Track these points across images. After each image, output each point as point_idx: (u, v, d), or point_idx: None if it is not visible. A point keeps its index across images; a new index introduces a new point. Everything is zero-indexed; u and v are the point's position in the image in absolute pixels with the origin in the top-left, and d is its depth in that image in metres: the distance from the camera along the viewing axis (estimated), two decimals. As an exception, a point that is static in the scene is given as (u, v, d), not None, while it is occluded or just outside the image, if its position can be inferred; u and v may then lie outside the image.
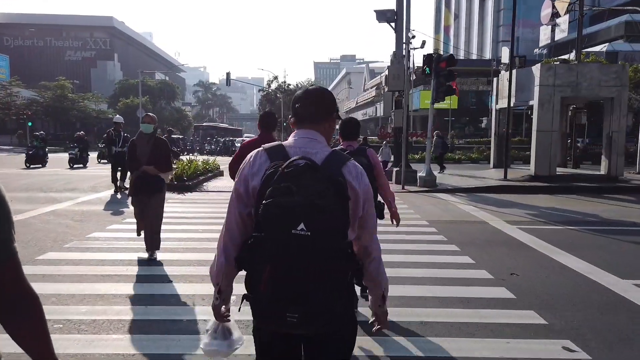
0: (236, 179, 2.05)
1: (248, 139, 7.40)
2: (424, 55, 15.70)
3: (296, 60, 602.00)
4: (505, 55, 43.00)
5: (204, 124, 61.78)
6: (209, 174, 17.90)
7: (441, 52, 78.32)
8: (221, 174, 19.75)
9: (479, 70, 50.83)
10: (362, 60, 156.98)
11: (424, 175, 15.86)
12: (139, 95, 49.39)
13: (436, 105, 15.86)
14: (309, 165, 1.82)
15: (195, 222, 9.76)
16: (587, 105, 19.88)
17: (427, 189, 15.46)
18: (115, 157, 14.52)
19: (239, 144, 48.20)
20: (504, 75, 19.08)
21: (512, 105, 17.70)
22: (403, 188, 15.62)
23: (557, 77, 16.20)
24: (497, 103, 19.98)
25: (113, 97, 66.78)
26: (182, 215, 10.59)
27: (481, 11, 72.10)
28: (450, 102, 49.66)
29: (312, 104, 2.11)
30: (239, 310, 2.10)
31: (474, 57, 67.07)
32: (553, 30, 21.60)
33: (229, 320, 2.16)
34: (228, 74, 46.24)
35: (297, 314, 1.76)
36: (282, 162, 1.87)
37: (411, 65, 15.67)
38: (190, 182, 15.24)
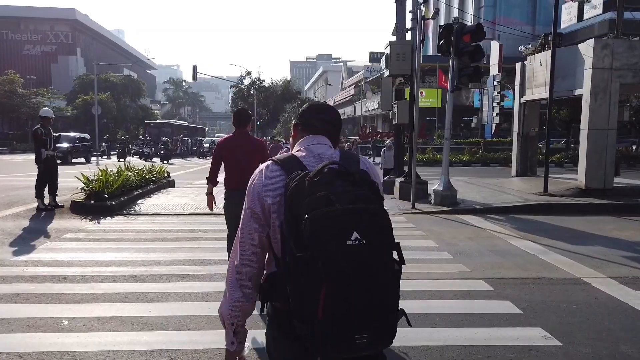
0: (248, 197, 1.81)
1: (219, 138, 6.95)
2: (441, 27, 11.49)
3: (272, 59, 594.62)
4: (494, 51, 39.67)
5: (157, 120, 54.49)
6: (151, 186, 13.37)
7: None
8: (171, 184, 15.22)
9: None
10: (338, 60, 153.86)
11: (441, 189, 11.63)
12: (95, 91, 44.20)
13: (420, 103, 11.82)
14: (339, 170, 1.66)
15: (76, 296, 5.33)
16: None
17: (445, 208, 11.23)
18: (45, 163, 10.56)
19: (207, 144, 44.50)
20: (535, 59, 14.95)
21: (547, 95, 13.59)
22: (413, 207, 11.37)
23: (615, 57, 12.13)
24: (521, 95, 15.84)
25: (72, 94, 61.34)
26: (54, 273, 6.15)
27: (461, 6, 68.79)
28: (436, 100, 46.43)
29: (332, 123, 2.00)
30: (266, 345, 1.84)
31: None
32: (581, 8, 17.51)
33: None
34: (194, 67, 41.55)
35: (367, 333, 1.55)
36: (306, 171, 1.67)
37: (417, 40, 11.14)
38: (115, 200, 10.70)
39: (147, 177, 13.54)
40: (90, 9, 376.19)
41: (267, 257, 1.83)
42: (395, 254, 1.66)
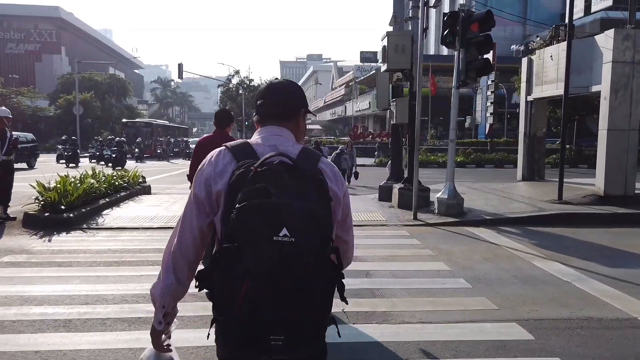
0: (194, 183, 1.73)
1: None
2: (445, 14, 10.21)
3: (262, 59, 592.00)
4: (488, 49, 38.60)
5: (135, 120, 50.28)
6: (121, 194, 11.97)
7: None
8: (146, 191, 13.83)
9: (450, 66, 45.94)
10: (329, 60, 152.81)
11: (446, 197, 10.34)
12: (76, 89, 42.60)
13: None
14: (286, 163, 1.60)
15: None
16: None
17: (452, 219, 9.95)
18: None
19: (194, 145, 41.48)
20: (545, 52, 13.68)
21: (555, 91, 12.35)
22: (415, 218, 10.07)
23: (637, 49, 10.89)
24: (528, 93, 14.59)
25: (56, 93, 59.51)
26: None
27: (452, 7, 67.83)
28: (428, 99, 45.26)
29: (278, 100, 1.86)
30: (208, 338, 1.74)
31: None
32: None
33: (171, 350, 1.88)
34: (180, 65, 40.08)
35: (283, 336, 1.48)
36: (254, 160, 1.62)
37: (419, 30, 9.82)
38: (75, 211, 9.31)
39: (117, 183, 12.12)
40: (78, 9, 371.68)
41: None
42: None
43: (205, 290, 1.61)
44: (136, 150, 34.80)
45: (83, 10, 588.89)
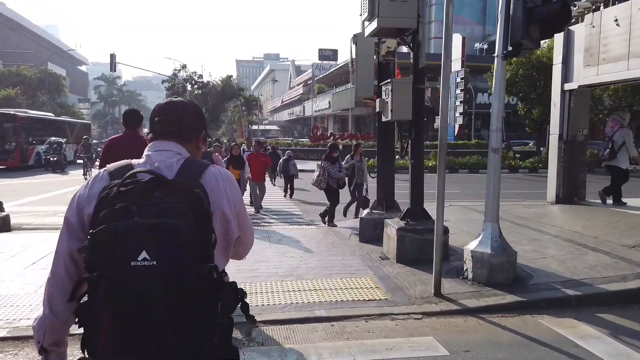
0: (68, 207, 1.61)
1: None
2: None
3: (217, 58, 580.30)
4: (456, 45, 34.74)
5: None
6: None
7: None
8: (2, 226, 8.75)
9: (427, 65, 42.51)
10: (286, 59, 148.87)
11: (488, 251, 5.77)
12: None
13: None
14: (156, 179, 1.44)
15: None
16: None
17: (504, 296, 5.40)
18: None
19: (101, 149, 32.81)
20: (605, 16, 9.22)
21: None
22: (439, 294, 5.46)
23: None
24: (567, 80, 10.17)
25: (-23, 89, 52.65)
26: None
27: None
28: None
29: (178, 120, 1.72)
30: None
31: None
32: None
33: None
34: (112, 56, 34.54)
35: None
36: (119, 180, 1.45)
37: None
38: None
39: None
40: (20, 3, 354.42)
41: None
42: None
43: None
44: None
45: (26, 5, 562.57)
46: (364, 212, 8.70)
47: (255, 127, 58.90)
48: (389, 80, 7.04)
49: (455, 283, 5.86)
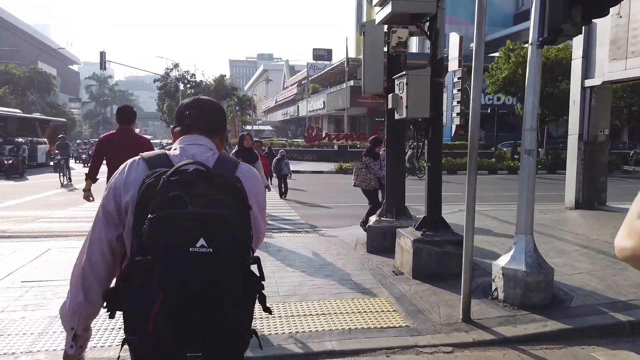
0: (104, 194, 1.64)
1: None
2: None
3: (210, 58, 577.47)
4: (454, 44, 34.18)
5: None
6: None
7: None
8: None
9: (415, 64, 41.78)
10: (280, 59, 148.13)
11: (522, 268, 4.99)
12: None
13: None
14: (202, 171, 1.51)
15: None
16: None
17: (543, 322, 4.63)
18: None
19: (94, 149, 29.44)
20: (635, 3, 8.49)
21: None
22: (468, 319, 4.68)
23: None
24: (588, 75, 9.43)
25: (-34, 88, 51.47)
26: None
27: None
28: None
29: (208, 115, 1.81)
30: (119, 359, 1.68)
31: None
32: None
33: None
34: (102, 54, 33.57)
35: (201, 352, 1.40)
36: (165, 169, 1.51)
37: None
38: None
39: None
40: (13, 2, 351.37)
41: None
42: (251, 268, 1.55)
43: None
44: None
45: (17, 4, 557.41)
46: (372, 219, 7.90)
47: (249, 127, 57.98)
48: (404, 72, 6.23)
49: (484, 305, 5.08)
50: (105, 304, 1.52)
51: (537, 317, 4.74)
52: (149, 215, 1.39)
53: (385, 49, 7.69)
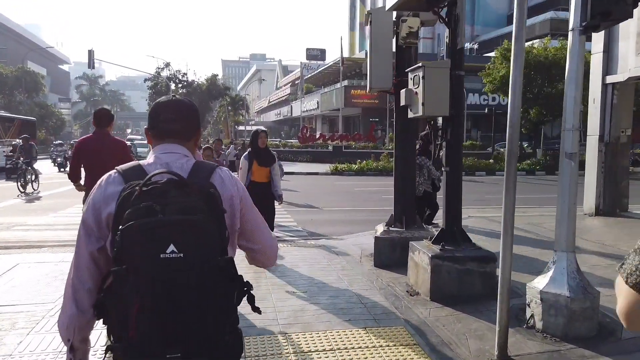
0: (84, 209, 1.67)
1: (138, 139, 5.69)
2: None
3: (202, 58, 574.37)
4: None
5: None
6: None
7: (357, 52, 68.67)
8: None
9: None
10: (273, 60, 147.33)
11: (566, 292, 4.24)
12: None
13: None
14: (174, 180, 1.52)
15: None
16: None
17: (590, 354, 3.85)
18: None
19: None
20: None
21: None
22: (505, 356, 3.91)
23: None
24: (609, 72, 8.68)
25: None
26: None
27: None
28: (377, 98, 39.79)
29: (182, 119, 1.78)
30: None
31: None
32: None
33: None
34: (91, 52, 32.59)
35: (180, 353, 1.43)
36: (140, 181, 1.52)
37: None
38: None
39: None
40: (3, 2, 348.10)
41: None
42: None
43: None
44: None
45: (7, 3, 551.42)
46: (379, 229, 7.12)
47: (242, 127, 57.07)
48: (420, 64, 5.46)
49: (520, 335, 4.32)
50: (95, 312, 1.56)
51: (586, 352, 3.98)
52: (120, 227, 1.42)
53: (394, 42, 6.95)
